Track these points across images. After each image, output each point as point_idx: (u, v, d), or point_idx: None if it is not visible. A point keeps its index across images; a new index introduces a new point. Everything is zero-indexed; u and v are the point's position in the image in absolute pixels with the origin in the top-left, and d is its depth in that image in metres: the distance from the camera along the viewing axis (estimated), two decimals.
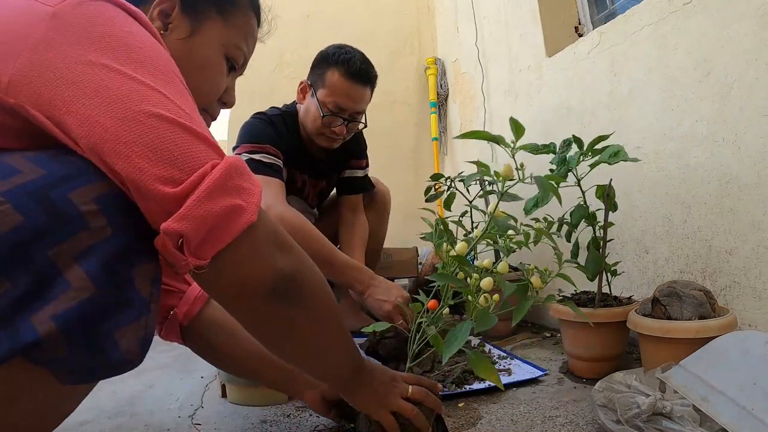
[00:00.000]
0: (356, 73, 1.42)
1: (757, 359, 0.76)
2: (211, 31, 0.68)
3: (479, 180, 1.49)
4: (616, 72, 1.46)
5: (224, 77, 0.72)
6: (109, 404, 1.06)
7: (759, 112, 1.05)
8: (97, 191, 0.44)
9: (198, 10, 0.67)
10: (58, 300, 0.40)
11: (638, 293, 1.35)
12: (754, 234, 1.07)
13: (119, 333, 0.43)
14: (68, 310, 0.40)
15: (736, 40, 1.09)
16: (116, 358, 0.43)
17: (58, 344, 0.40)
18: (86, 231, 0.42)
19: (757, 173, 1.06)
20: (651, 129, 1.33)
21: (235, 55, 0.72)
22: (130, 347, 0.44)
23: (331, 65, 1.43)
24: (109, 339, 0.42)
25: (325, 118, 1.44)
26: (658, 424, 0.73)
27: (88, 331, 0.41)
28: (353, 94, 1.44)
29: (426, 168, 2.73)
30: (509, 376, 1.13)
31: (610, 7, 1.75)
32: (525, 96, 1.94)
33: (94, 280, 0.41)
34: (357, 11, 2.74)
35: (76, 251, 0.41)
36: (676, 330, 0.91)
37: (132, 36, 0.50)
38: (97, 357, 0.42)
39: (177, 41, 0.66)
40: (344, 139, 1.53)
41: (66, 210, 0.42)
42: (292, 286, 0.55)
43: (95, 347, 0.42)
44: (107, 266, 0.42)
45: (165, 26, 0.66)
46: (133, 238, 0.45)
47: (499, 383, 0.74)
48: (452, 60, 2.65)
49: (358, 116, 1.51)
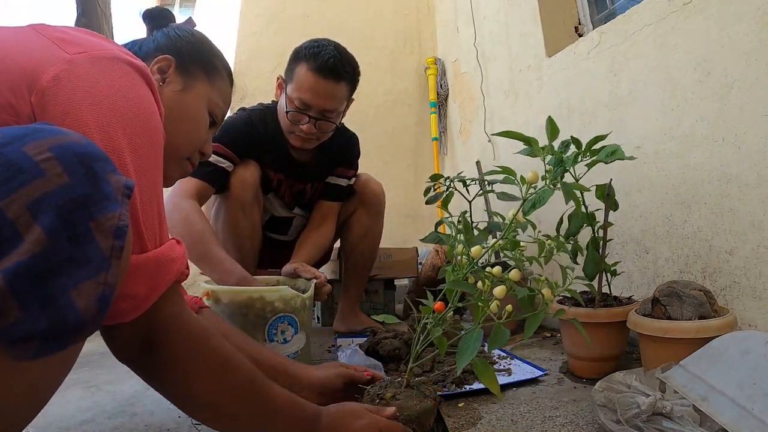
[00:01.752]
0: (323, 68, 1.32)
1: (757, 359, 0.76)
2: (200, 89, 0.81)
3: (479, 180, 1.49)
4: (616, 72, 1.46)
5: (207, 130, 0.84)
6: (109, 404, 1.06)
7: (759, 112, 1.05)
8: (53, 141, 0.42)
9: (189, 71, 0.81)
10: (10, 255, 0.37)
11: (638, 293, 1.35)
12: (754, 234, 1.07)
13: (76, 291, 0.39)
14: (18, 264, 0.37)
15: (736, 40, 1.09)
16: (73, 318, 0.39)
17: (7, 303, 0.37)
18: (41, 179, 0.40)
19: (757, 173, 1.06)
20: (651, 129, 1.33)
21: (216, 111, 0.85)
22: (87, 306, 0.40)
23: (301, 60, 1.35)
24: (64, 296, 0.39)
25: (289, 114, 1.37)
26: (658, 424, 0.73)
27: (40, 287, 0.38)
28: (319, 90, 1.34)
29: (426, 168, 2.73)
30: (509, 376, 1.13)
31: (610, 7, 1.75)
32: (525, 96, 1.94)
33: (47, 231, 0.38)
34: (357, 11, 2.75)
35: (30, 200, 0.39)
36: (676, 330, 0.91)
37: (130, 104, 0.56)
38: (52, 317, 0.38)
39: (172, 93, 0.78)
40: (319, 140, 1.45)
41: (19, 161, 0.40)
42: (157, 381, 0.62)
43: (49, 306, 0.38)
44: (61, 216, 0.39)
45: (162, 80, 0.78)
46: (92, 188, 0.42)
47: (499, 394, 0.75)
48: (452, 60, 2.65)
49: (329, 115, 1.40)
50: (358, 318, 1.72)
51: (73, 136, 0.44)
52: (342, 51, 1.39)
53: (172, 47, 0.81)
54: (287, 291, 1.08)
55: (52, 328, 0.38)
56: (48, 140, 0.42)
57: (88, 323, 0.40)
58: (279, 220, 1.66)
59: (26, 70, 0.52)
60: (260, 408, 0.66)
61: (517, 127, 1.97)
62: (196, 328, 0.63)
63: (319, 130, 1.40)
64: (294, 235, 1.71)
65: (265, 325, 1.05)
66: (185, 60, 0.80)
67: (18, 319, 0.37)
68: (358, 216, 1.68)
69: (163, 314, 0.59)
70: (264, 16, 2.57)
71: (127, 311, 0.54)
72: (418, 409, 0.79)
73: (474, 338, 0.73)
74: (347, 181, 1.63)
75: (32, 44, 0.55)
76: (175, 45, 0.81)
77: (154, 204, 0.59)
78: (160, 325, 0.59)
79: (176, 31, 0.84)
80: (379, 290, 2.02)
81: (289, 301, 1.08)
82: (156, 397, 1.11)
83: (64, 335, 0.39)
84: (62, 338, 0.40)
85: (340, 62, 1.35)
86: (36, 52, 0.54)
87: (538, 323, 0.75)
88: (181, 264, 0.61)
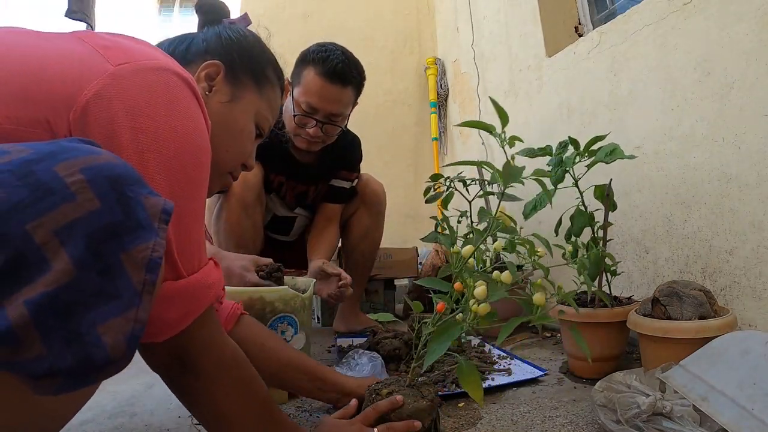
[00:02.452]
0: (331, 72, 1.33)
1: (757, 359, 0.76)
2: (248, 100, 0.75)
3: (479, 180, 1.49)
4: (616, 72, 1.46)
5: (253, 143, 0.79)
6: (109, 404, 1.06)
7: (759, 112, 1.05)
8: (85, 162, 0.39)
9: (239, 80, 0.74)
10: (35, 283, 0.34)
11: (638, 293, 1.35)
12: (754, 234, 1.07)
13: (103, 327, 0.37)
14: (43, 295, 0.34)
15: (736, 40, 1.09)
16: (100, 356, 0.36)
17: (30, 336, 0.34)
18: (71, 203, 0.37)
19: (757, 173, 1.06)
20: (651, 129, 1.33)
21: (264, 124, 0.79)
22: (116, 344, 0.37)
23: (308, 63, 1.36)
24: (91, 333, 0.36)
25: (296, 117, 1.37)
26: (658, 424, 0.73)
27: (65, 321, 0.35)
28: (327, 94, 1.35)
29: (426, 168, 2.73)
30: (509, 376, 1.13)
31: (610, 7, 1.75)
32: (525, 96, 1.94)
33: (75, 261, 0.36)
34: (357, 11, 2.75)
35: (58, 225, 0.36)
36: (676, 330, 0.91)
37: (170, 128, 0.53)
38: (78, 354, 0.36)
39: (218, 104, 0.72)
40: (324, 143, 1.45)
41: (49, 182, 0.37)
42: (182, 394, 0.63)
43: (74, 342, 0.35)
44: (91, 246, 0.37)
45: (209, 88, 0.72)
46: (124, 215, 0.39)
47: (480, 401, 0.72)
48: (452, 60, 2.65)
49: (336, 119, 1.40)
50: (358, 318, 1.72)
51: (106, 156, 0.41)
52: (349, 56, 1.39)
53: (222, 51, 0.74)
54: (287, 291, 1.08)
55: (77, 365, 0.36)
56: (80, 160, 0.39)
57: (115, 362, 0.38)
58: (281, 220, 1.66)
59: (66, 82, 0.49)
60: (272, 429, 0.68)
61: (517, 127, 1.98)
62: (227, 353, 0.63)
63: (325, 133, 1.41)
64: (296, 236, 1.71)
65: (264, 326, 1.05)
66: (235, 67, 0.74)
67: (41, 355, 0.35)
68: (358, 216, 1.69)
69: (195, 337, 0.59)
70: (264, 16, 2.57)
71: (158, 333, 0.55)
72: (411, 408, 0.78)
73: (445, 337, 0.72)
74: (350, 183, 1.64)
75: (74, 53, 0.52)
76: (226, 49, 0.75)
77: (194, 228, 0.57)
78: (192, 348, 0.59)
79: (229, 31, 0.78)
80: (379, 290, 2.02)
81: (289, 301, 1.08)
82: (156, 397, 1.11)
83: (90, 373, 0.37)
84: (87, 376, 0.37)
85: (348, 67, 1.36)
86: (77, 63, 0.51)
87: (512, 328, 0.73)
88: (218, 288, 0.61)
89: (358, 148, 1.66)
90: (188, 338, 0.58)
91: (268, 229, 1.63)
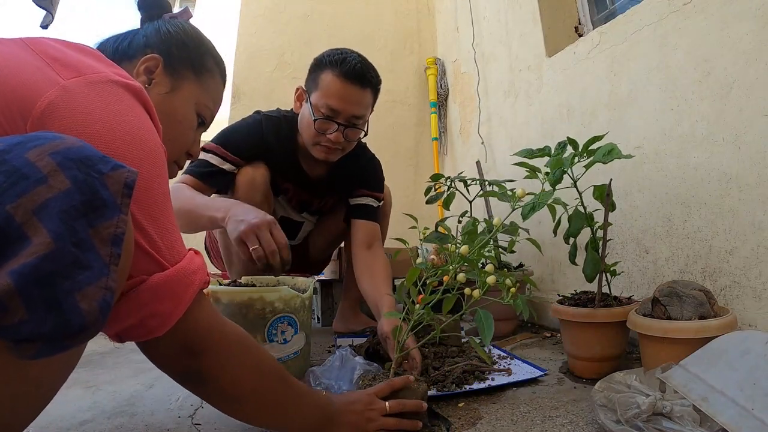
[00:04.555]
0: (351, 73, 1.30)
1: (757, 359, 0.76)
2: (187, 90, 0.79)
3: (480, 180, 1.49)
4: (616, 72, 1.46)
5: (194, 132, 0.82)
6: (109, 404, 1.06)
7: (759, 112, 1.05)
8: (53, 147, 0.43)
9: (177, 71, 0.78)
10: (18, 256, 0.38)
11: (638, 293, 1.35)
12: (754, 234, 1.07)
13: (80, 295, 0.41)
14: (25, 266, 0.38)
15: (736, 40, 1.09)
16: (77, 321, 0.40)
17: (14, 303, 0.38)
18: (44, 185, 0.41)
19: (757, 173, 1.06)
20: (651, 129, 1.33)
21: (205, 112, 0.82)
22: (90, 310, 0.41)
23: (325, 67, 1.32)
24: (70, 299, 0.40)
25: (317, 122, 1.32)
26: (658, 424, 0.73)
27: (47, 289, 0.39)
28: (348, 95, 1.31)
29: (426, 168, 2.73)
30: (509, 376, 1.13)
31: (610, 7, 1.75)
32: (525, 96, 1.94)
33: (53, 234, 0.40)
34: (357, 11, 2.74)
35: (35, 205, 0.40)
36: (676, 330, 0.91)
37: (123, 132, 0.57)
38: (58, 319, 0.39)
39: (158, 96, 0.75)
40: (343, 151, 1.39)
41: (22, 167, 0.41)
42: (199, 381, 0.65)
43: (55, 308, 0.39)
44: (65, 222, 0.41)
45: (149, 81, 0.75)
46: (91, 194, 0.43)
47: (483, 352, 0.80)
48: (452, 60, 2.65)
49: (357, 122, 1.35)
50: (358, 318, 1.72)
51: (71, 140, 0.45)
52: (364, 58, 1.36)
53: (161, 44, 0.77)
54: (287, 291, 1.08)
55: (55, 330, 0.39)
56: (47, 146, 0.43)
57: (90, 326, 0.41)
58: (287, 224, 1.62)
59: (17, 93, 0.52)
60: (290, 395, 0.72)
61: (517, 127, 1.98)
62: (228, 327, 0.67)
63: (346, 138, 1.35)
64: (300, 240, 1.70)
65: (264, 326, 1.05)
66: (174, 59, 0.77)
67: (23, 320, 0.38)
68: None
69: (195, 319, 0.61)
70: (264, 16, 2.57)
71: (157, 327, 0.57)
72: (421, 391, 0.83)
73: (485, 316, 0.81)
74: (377, 202, 1.56)
75: (26, 65, 0.55)
76: (164, 42, 0.78)
77: (165, 221, 0.59)
78: (195, 331, 0.62)
79: (167, 26, 0.81)
80: None
81: (289, 301, 1.08)
82: (156, 397, 1.11)
83: (67, 337, 0.40)
84: (65, 340, 0.41)
85: (366, 68, 1.34)
86: (29, 75, 0.54)
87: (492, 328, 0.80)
88: (202, 274, 0.63)
89: (380, 168, 1.59)
90: (188, 323, 0.60)
91: None
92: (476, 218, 1.08)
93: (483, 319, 0.80)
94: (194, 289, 0.61)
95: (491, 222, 0.85)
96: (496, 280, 0.81)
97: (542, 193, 1.04)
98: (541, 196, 1.04)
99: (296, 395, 0.72)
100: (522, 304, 0.84)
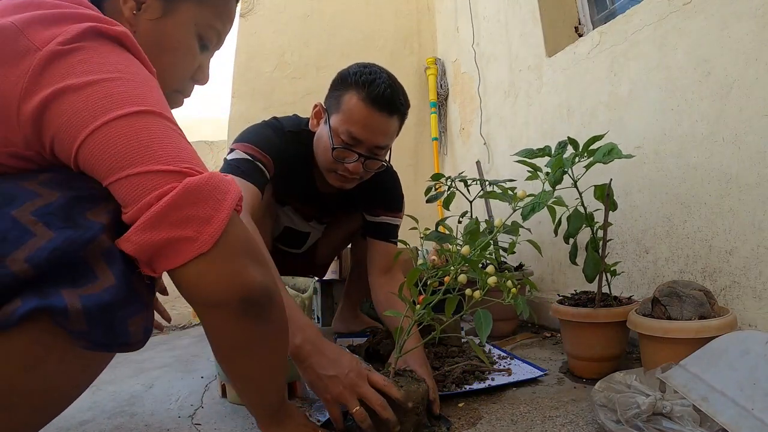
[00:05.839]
0: (379, 99, 1.12)
1: (757, 359, 0.76)
2: (183, 11, 0.69)
3: (480, 180, 1.49)
4: (616, 72, 1.46)
5: (195, 57, 0.73)
6: (109, 404, 1.06)
7: (759, 112, 1.05)
8: (109, 207, 0.54)
9: None
10: (86, 287, 0.50)
11: (638, 293, 1.35)
12: (754, 234, 1.07)
13: (132, 321, 0.52)
14: (92, 296, 0.50)
15: (736, 40, 1.09)
16: (125, 340, 0.52)
17: (79, 319, 0.49)
18: (105, 235, 0.52)
19: (757, 173, 1.06)
20: (651, 129, 1.33)
21: (208, 34, 0.73)
22: (136, 332, 0.53)
23: (349, 87, 1.15)
24: (122, 325, 0.52)
25: (335, 151, 1.16)
26: (658, 424, 0.73)
27: (105, 315, 0.50)
28: (373, 124, 1.14)
29: (426, 168, 2.73)
30: (509, 376, 1.13)
31: (610, 7, 1.75)
32: (525, 96, 1.94)
33: (115, 274, 0.51)
34: (357, 11, 2.74)
35: (100, 251, 0.52)
36: (676, 330, 0.91)
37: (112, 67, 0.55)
38: (110, 337, 0.51)
39: (148, 21, 0.67)
40: (361, 179, 1.24)
41: (85, 222, 0.52)
42: (263, 300, 0.60)
43: (109, 329, 0.51)
44: (122, 265, 0.52)
45: (138, 6, 0.66)
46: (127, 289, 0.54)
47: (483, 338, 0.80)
48: (452, 60, 2.65)
49: (380, 152, 1.19)
50: (358, 318, 1.72)
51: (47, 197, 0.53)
52: (394, 80, 1.19)
53: None
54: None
55: (110, 343, 0.52)
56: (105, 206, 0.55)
57: (134, 344, 0.54)
58: (293, 234, 1.55)
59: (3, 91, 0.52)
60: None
61: (516, 127, 1.98)
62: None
63: (365, 169, 1.20)
64: (306, 249, 1.64)
65: None
66: None
67: (83, 330, 0.50)
68: None
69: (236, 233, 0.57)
70: (264, 16, 2.58)
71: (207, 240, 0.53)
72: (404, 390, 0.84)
73: (484, 315, 0.81)
74: (398, 221, 1.43)
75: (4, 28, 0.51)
76: None
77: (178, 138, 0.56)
78: (247, 241, 0.58)
79: None
80: None
81: None
82: (156, 397, 1.11)
83: (113, 346, 0.53)
84: (110, 347, 0.53)
85: (395, 93, 1.16)
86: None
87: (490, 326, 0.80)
88: (237, 187, 0.58)
89: (398, 183, 1.47)
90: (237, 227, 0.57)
91: (278, 242, 1.53)
92: (477, 218, 1.08)
93: (482, 318, 0.80)
94: (234, 193, 0.57)
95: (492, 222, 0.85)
96: (497, 281, 0.81)
97: (542, 194, 1.04)
98: (541, 196, 1.04)
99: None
100: (522, 304, 0.84)
